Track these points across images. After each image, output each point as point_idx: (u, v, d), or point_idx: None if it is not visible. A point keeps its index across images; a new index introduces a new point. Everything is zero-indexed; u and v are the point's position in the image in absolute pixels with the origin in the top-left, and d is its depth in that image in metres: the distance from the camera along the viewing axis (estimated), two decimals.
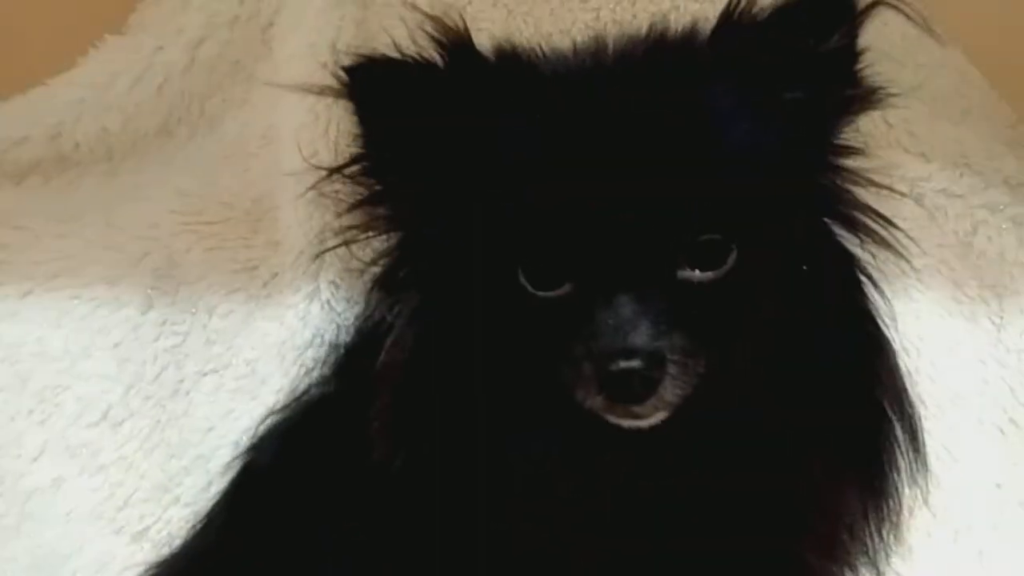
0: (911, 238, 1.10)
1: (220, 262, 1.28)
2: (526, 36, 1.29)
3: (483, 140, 0.94)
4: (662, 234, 0.90)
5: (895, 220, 1.22)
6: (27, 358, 1.25)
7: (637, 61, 0.97)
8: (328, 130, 1.23)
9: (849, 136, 1.00)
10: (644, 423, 0.90)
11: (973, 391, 1.25)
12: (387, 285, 1.02)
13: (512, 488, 0.96)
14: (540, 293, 0.92)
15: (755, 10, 0.95)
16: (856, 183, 1.00)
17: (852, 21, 0.96)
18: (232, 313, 1.27)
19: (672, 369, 0.87)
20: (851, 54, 0.97)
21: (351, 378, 1.11)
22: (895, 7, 0.97)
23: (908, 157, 1.32)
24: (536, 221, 0.91)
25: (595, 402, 0.89)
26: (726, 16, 0.97)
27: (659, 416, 0.90)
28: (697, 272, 0.91)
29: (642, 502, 0.94)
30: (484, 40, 1.26)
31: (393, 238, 1.02)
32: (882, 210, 1.06)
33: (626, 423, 0.90)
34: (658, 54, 0.98)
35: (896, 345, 1.03)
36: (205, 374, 1.27)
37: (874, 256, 1.02)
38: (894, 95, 1.00)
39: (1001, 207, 1.28)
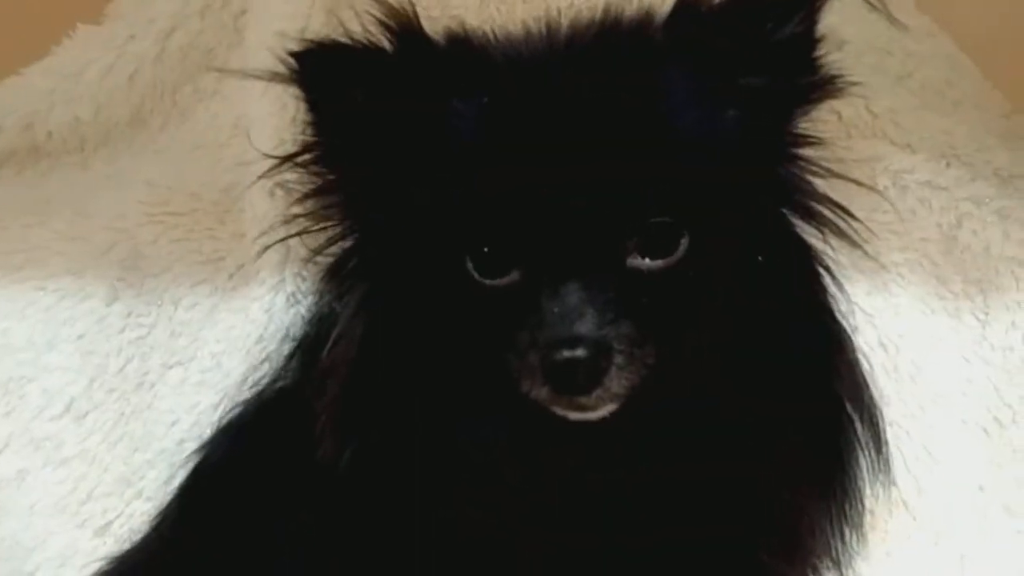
0: (871, 230, 1.07)
1: (186, 253, 1.26)
2: (499, 23, 1.27)
3: (432, 125, 0.93)
4: (612, 217, 0.87)
5: (876, 213, 1.20)
6: None
7: (590, 45, 0.96)
8: (295, 120, 1.20)
9: (810, 125, 0.97)
10: (591, 415, 0.88)
11: (956, 390, 1.21)
12: (337, 275, 1.01)
13: (459, 475, 0.95)
14: (488, 281, 0.90)
15: None
16: (815, 173, 0.97)
17: (810, 8, 0.93)
18: (197, 305, 1.26)
19: (618, 359, 0.85)
20: (809, 41, 0.95)
21: (307, 371, 1.09)
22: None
23: (893, 148, 1.28)
24: (484, 207, 0.90)
25: (540, 393, 0.87)
26: (682, 0, 0.94)
27: (607, 409, 0.88)
28: (647, 260, 0.88)
29: (591, 495, 0.92)
30: (455, 26, 1.25)
31: (344, 227, 1.01)
32: (865, 204, 1.04)
33: (573, 415, 0.88)
34: (612, 38, 0.96)
35: (857, 341, 1.01)
36: (170, 367, 1.25)
37: (833, 248, 0.98)
38: (853, 83, 0.95)
39: (987, 200, 1.24)
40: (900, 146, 1.29)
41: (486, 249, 0.90)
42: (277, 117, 1.22)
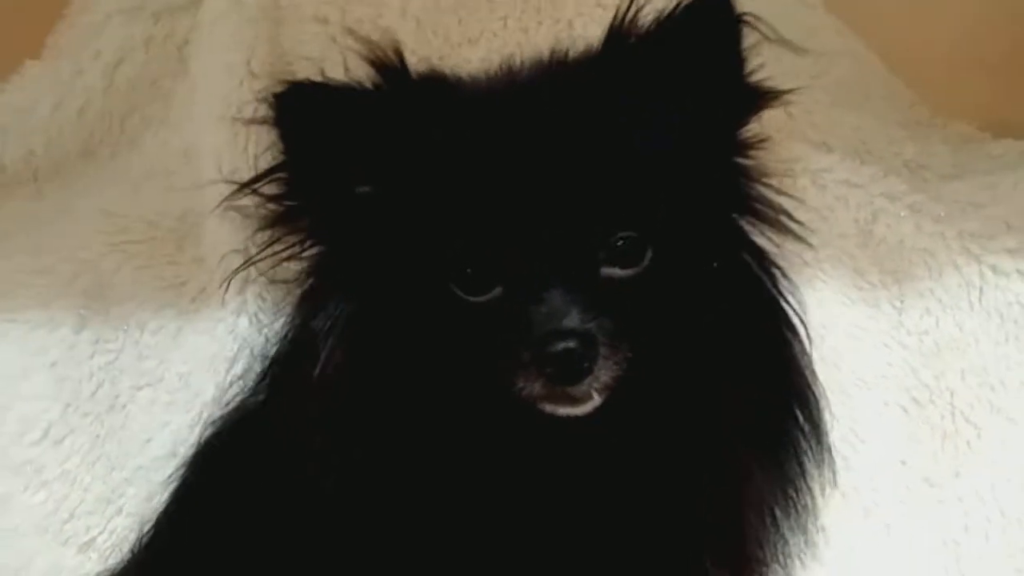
0: (811, 229, 1.15)
1: (148, 280, 1.31)
2: (435, 47, 1.33)
3: (410, 160, 0.98)
4: (583, 231, 0.96)
5: (797, 211, 1.29)
6: None
7: (543, 81, 1.03)
8: (247, 148, 1.26)
9: (750, 134, 1.04)
10: (579, 410, 0.95)
11: (877, 374, 1.30)
12: (316, 297, 1.05)
13: (451, 488, 1.00)
14: (472, 299, 0.97)
15: (640, 22, 0.99)
16: (757, 179, 1.05)
17: (734, 26, 1.00)
18: (163, 329, 1.31)
19: (603, 350, 0.93)
20: (737, 58, 1.01)
21: (279, 389, 1.14)
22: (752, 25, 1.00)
23: (810, 148, 1.36)
24: (467, 233, 0.96)
25: (534, 389, 0.94)
26: (614, 29, 1.01)
27: (594, 402, 0.94)
28: (618, 270, 0.97)
29: (566, 495, 0.99)
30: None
31: (317, 250, 1.05)
32: (787, 204, 1.11)
33: (562, 410, 0.95)
34: (560, 73, 1.03)
35: (803, 337, 1.07)
36: (140, 388, 1.31)
37: (779, 248, 1.06)
38: (785, 92, 1.03)
39: (899, 195, 1.33)
40: (817, 145, 1.38)
41: (469, 271, 0.97)
42: (230, 146, 1.27)
